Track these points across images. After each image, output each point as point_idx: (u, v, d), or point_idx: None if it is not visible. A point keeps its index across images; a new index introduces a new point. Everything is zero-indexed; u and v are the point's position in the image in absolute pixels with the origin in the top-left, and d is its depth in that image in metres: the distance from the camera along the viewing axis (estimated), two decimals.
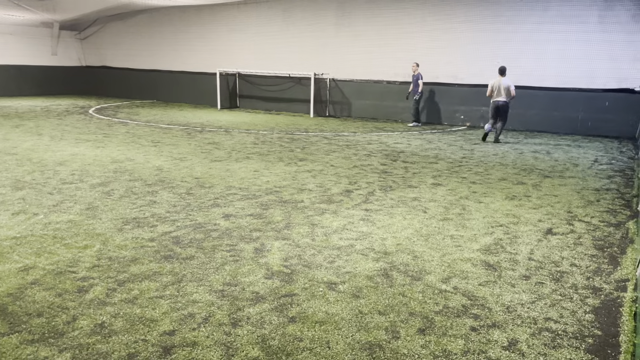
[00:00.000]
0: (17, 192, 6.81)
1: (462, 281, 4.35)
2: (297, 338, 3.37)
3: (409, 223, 5.93)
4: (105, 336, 3.32)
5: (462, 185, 7.99)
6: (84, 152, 9.87)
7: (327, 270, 4.49)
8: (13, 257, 4.59)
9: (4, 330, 3.36)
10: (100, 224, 5.59)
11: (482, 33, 15.91)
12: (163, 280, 4.19)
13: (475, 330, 3.54)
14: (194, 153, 10.11)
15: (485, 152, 11.28)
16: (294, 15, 19.30)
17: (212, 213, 6.11)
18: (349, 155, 10.40)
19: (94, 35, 25.34)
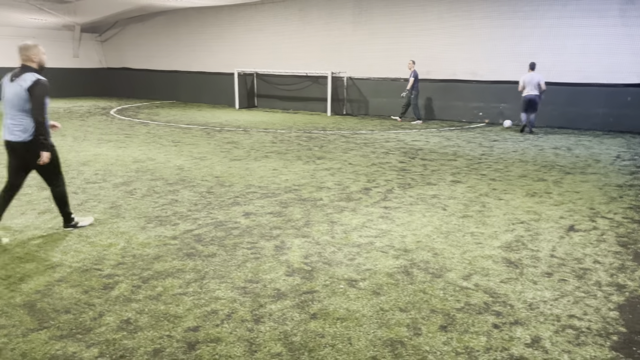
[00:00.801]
0: (42, 192, 6.95)
1: (483, 278, 4.33)
2: (319, 334, 3.40)
3: (428, 220, 5.92)
4: (131, 332, 3.39)
5: (482, 182, 7.94)
6: (107, 152, 10.04)
7: (348, 268, 4.52)
8: (40, 255, 4.70)
9: (34, 326, 3.45)
10: (124, 222, 5.69)
11: (501, 29, 15.76)
12: (186, 278, 4.25)
13: (498, 327, 3.53)
14: (214, 152, 10.21)
15: (505, 149, 11.18)
16: (310, 14, 19.33)
17: (232, 211, 6.18)
18: (367, 153, 10.40)
19: (114, 37, 25.70)
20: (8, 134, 4.90)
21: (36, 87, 4.76)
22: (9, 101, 4.85)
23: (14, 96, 4.80)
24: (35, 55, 4.94)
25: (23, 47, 4.91)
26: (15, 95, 4.79)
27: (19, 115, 4.83)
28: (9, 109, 4.86)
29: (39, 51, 4.97)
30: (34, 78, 4.80)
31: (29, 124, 4.84)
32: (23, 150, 4.92)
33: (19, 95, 4.78)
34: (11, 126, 4.88)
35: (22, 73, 4.85)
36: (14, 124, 4.86)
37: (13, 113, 4.85)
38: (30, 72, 4.86)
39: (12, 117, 4.86)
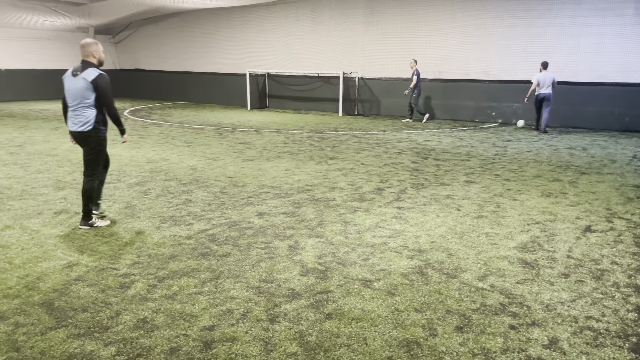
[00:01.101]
0: (58, 191, 7.03)
1: (499, 279, 4.30)
2: (334, 334, 3.40)
3: (442, 221, 5.89)
4: (148, 331, 3.41)
5: (496, 182, 7.89)
6: (121, 152, 10.12)
7: (362, 268, 4.51)
8: (57, 254, 4.75)
9: (52, 324, 3.49)
10: (139, 222, 5.73)
11: (514, 28, 15.65)
12: (201, 277, 4.27)
13: (515, 329, 3.50)
14: (226, 153, 10.25)
15: (519, 149, 11.09)
16: (322, 14, 19.34)
17: (246, 211, 6.19)
18: (380, 154, 10.37)
19: (128, 38, 25.91)
20: (72, 124, 5.31)
21: (100, 80, 5.14)
22: (72, 94, 5.20)
23: (78, 90, 5.15)
24: (95, 52, 5.26)
25: (84, 44, 5.23)
26: (79, 88, 5.14)
27: (82, 107, 5.21)
28: (73, 102, 5.23)
29: (99, 48, 5.29)
30: (96, 72, 5.16)
31: (91, 116, 5.22)
32: (82, 139, 5.34)
33: (83, 89, 5.13)
34: (75, 118, 5.27)
35: (85, 68, 5.18)
36: (77, 115, 5.25)
37: (76, 105, 5.22)
38: (92, 67, 5.20)
39: (75, 109, 5.24)
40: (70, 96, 5.24)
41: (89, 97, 5.16)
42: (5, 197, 6.73)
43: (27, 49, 22.91)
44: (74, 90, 5.18)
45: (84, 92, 5.14)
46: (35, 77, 23.22)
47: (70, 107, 5.30)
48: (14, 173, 8.15)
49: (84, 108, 5.21)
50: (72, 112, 5.29)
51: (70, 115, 5.32)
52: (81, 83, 5.12)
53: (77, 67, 5.24)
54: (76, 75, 5.18)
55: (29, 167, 8.66)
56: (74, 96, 5.20)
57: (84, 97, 5.16)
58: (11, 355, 3.12)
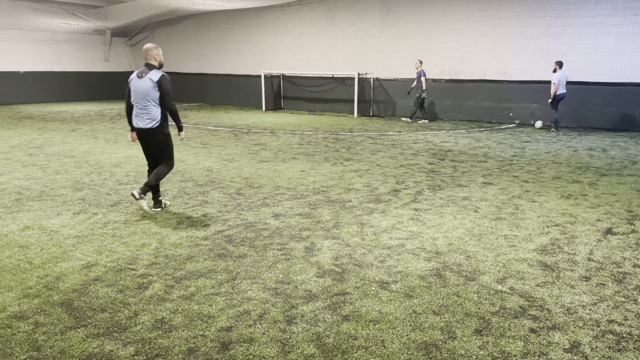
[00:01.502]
0: (77, 192, 7.10)
1: (519, 282, 4.24)
2: (352, 336, 3.38)
3: (460, 223, 5.84)
4: (166, 331, 3.42)
5: (514, 184, 7.80)
6: (138, 154, 10.20)
7: (379, 270, 4.48)
8: (76, 254, 4.80)
9: (71, 324, 3.51)
10: (156, 223, 5.76)
11: (531, 28, 15.48)
12: (218, 278, 4.28)
13: (535, 332, 3.45)
14: (242, 154, 10.28)
15: (537, 150, 10.96)
16: (337, 15, 19.33)
17: (262, 212, 6.20)
18: (395, 155, 10.32)
19: (144, 41, 26.14)
20: (138, 122, 5.80)
21: (164, 81, 5.68)
22: (140, 94, 5.71)
23: (144, 90, 5.67)
24: (156, 55, 5.82)
25: (147, 48, 5.80)
26: (146, 89, 5.66)
27: (148, 106, 5.72)
28: (139, 101, 5.73)
29: (159, 52, 5.87)
30: (160, 73, 5.70)
31: (156, 113, 5.74)
32: (149, 135, 5.86)
33: (149, 89, 5.66)
34: (141, 115, 5.76)
35: (149, 70, 5.72)
36: (144, 113, 5.75)
37: (143, 104, 5.73)
38: (155, 70, 5.75)
39: (142, 107, 5.75)
40: (137, 96, 5.73)
41: (154, 96, 5.68)
42: (24, 197, 6.82)
43: (45, 51, 23.26)
44: (141, 90, 5.68)
45: (150, 92, 5.66)
46: (53, 80, 23.55)
47: (136, 106, 5.78)
48: (33, 174, 8.26)
49: (150, 107, 5.72)
50: (138, 110, 5.78)
51: (136, 113, 5.80)
52: (147, 84, 5.64)
53: (142, 69, 5.75)
54: (142, 77, 5.68)
55: (47, 168, 8.77)
56: (141, 96, 5.70)
57: (150, 96, 5.67)
58: (32, 354, 3.15)
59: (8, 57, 22.03)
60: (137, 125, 5.85)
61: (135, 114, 5.83)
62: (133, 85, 5.77)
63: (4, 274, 4.32)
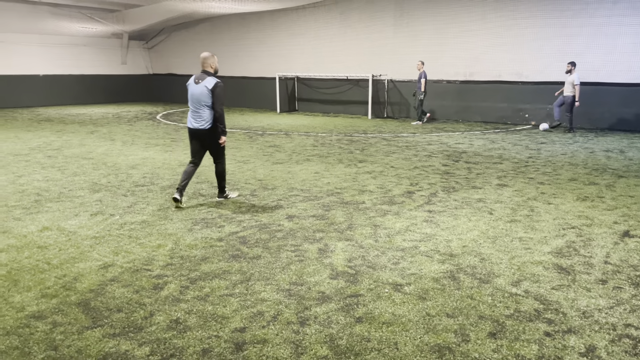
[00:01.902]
0: (94, 194, 7.21)
1: (534, 285, 4.21)
2: (365, 338, 3.38)
3: (474, 225, 5.81)
4: (181, 331, 3.46)
5: (530, 186, 7.73)
6: (154, 156, 10.31)
7: (392, 272, 4.48)
8: (93, 255, 4.87)
9: (88, 324, 3.57)
10: (172, 224, 5.82)
11: (547, 28, 15.34)
12: (232, 279, 4.31)
13: (550, 336, 3.42)
14: (256, 156, 10.34)
15: (553, 152, 10.85)
16: (351, 17, 19.34)
17: (276, 214, 6.23)
18: (409, 156, 10.30)
19: (160, 44, 26.43)
20: (193, 123, 6.32)
21: (217, 88, 6.15)
22: (195, 98, 6.23)
23: (199, 95, 6.17)
24: (212, 63, 6.30)
25: (204, 57, 6.29)
26: (200, 94, 6.16)
27: (202, 109, 6.22)
28: (195, 105, 6.26)
29: (215, 60, 6.33)
30: (214, 81, 6.16)
31: (209, 116, 6.24)
32: (203, 136, 6.35)
33: (203, 94, 6.15)
34: (195, 117, 6.28)
35: (205, 77, 6.20)
36: (198, 115, 6.26)
37: (197, 107, 6.24)
38: (211, 76, 6.22)
39: (196, 110, 6.26)
40: (192, 100, 6.26)
41: (207, 101, 6.16)
42: (43, 199, 6.93)
43: (64, 55, 23.61)
44: (197, 95, 6.19)
45: (204, 97, 6.15)
46: (72, 83, 23.89)
47: (191, 109, 6.33)
48: (51, 176, 8.40)
49: (203, 110, 6.22)
50: (193, 112, 6.31)
51: (191, 115, 6.35)
52: (202, 89, 6.14)
53: (199, 75, 6.25)
54: (198, 83, 6.19)
55: (66, 170, 8.90)
56: (196, 100, 6.22)
57: (204, 100, 6.17)
58: (49, 353, 3.21)
59: (28, 60, 22.41)
60: (191, 126, 6.36)
61: (190, 115, 6.38)
62: (190, 90, 6.29)
63: (23, 274, 4.41)
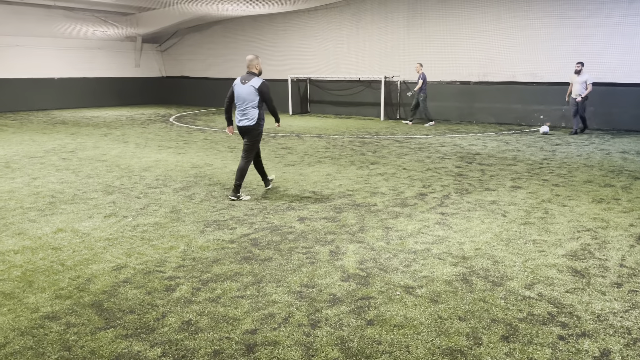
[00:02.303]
0: (107, 196, 7.27)
1: (547, 288, 4.16)
2: (376, 341, 3.37)
3: (487, 227, 5.76)
4: (192, 333, 3.47)
5: (544, 188, 7.65)
6: (167, 158, 10.38)
7: (404, 274, 4.45)
8: (106, 257, 4.91)
9: (101, 325, 3.60)
10: (184, 226, 5.85)
11: (562, 29, 15.18)
12: (244, 281, 4.32)
13: (564, 339, 3.37)
14: (268, 158, 10.36)
15: (568, 153, 10.73)
16: (364, 19, 19.32)
17: (287, 216, 6.23)
18: (422, 158, 10.25)
19: (174, 47, 26.62)
20: (241, 121, 6.79)
21: (263, 87, 6.66)
22: (242, 98, 6.72)
23: (247, 94, 6.67)
24: (257, 64, 6.82)
25: (250, 59, 6.78)
26: (248, 93, 6.66)
27: (249, 108, 6.71)
28: (242, 104, 6.74)
29: (259, 62, 6.86)
30: (260, 81, 6.67)
31: (255, 114, 6.71)
32: (247, 131, 6.83)
33: (251, 93, 6.65)
34: (243, 115, 6.77)
35: (251, 78, 6.69)
36: (245, 114, 6.75)
37: (245, 106, 6.72)
38: (256, 77, 6.73)
39: (243, 110, 6.75)
40: (239, 99, 6.75)
41: (254, 99, 6.67)
42: (58, 201, 7.01)
43: (78, 58, 23.89)
44: (244, 94, 6.68)
45: (251, 96, 6.65)
46: (86, 85, 24.16)
47: (238, 107, 6.83)
48: (66, 178, 8.49)
49: (250, 108, 6.70)
50: (240, 111, 6.81)
51: (237, 113, 6.87)
52: (250, 89, 6.64)
53: (245, 76, 6.72)
54: (245, 83, 6.67)
55: (80, 172, 9.00)
56: (243, 99, 6.71)
57: (251, 100, 6.67)
58: (63, 354, 3.24)
59: (43, 63, 22.70)
60: (238, 123, 6.84)
61: (237, 114, 6.90)
62: (236, 90, 6.75)
63: (38, 275, 4.46)
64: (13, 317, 3.71)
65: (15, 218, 6.19)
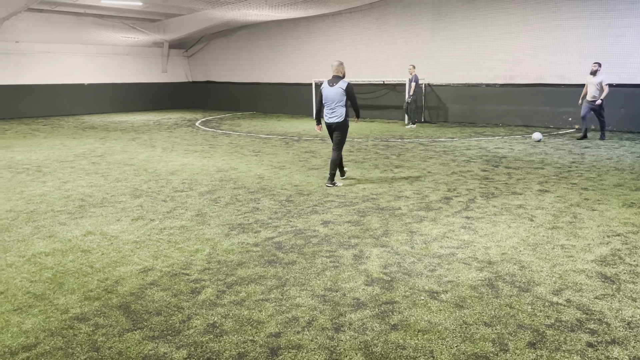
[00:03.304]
0: (135, 199, 7.41)
1: (576, 294, 4.08)
2: (400, 346, 3.35)
3: (514, 231, 5.68)
4: (217, 335, 3.51)
5: (573, 191, 7.50)
6: (193, 162, 10.52)
7: (428, 279, 4.42)
8: (134, 259, 5.00)
9: (128, 326, 3.67)
10: (209, 229, 5.92)
11: (591, 29, 14.88)
12: (268, 284, 4.35)
13: (593, 347, 3.30)
14: (292, 162, 10.41)
15: (598, 156, 10.50)
16: (388, 22, 19.27)
17: (311, 220, 6.25)
18: (447, 162, 10.16)
19: (199, 52, 26.98)
20: (330, 118, 7.88)
21: (349, 88, 7.74)
22: (331, 98, 7.78)
23: (334, 95, 7.74)
24: (342, 69, 7.86)
25: (336, 64, 7.86)
26: (335, 94, 7.73)
27: (337, 107, 7.78)
28: (331, 103, 7.80)
29: (344, 67, 7.89)
30: (346, 83, 7.74)
31: (342, 112, 7.78)
32: (337, 127, 7.92)
33: (338, 94, 7.71)
34: (331, 113, 7.85)
35: (337, 81, 7.75)
36: (334, 112, 7.82)
37: (333, 106, 7.79)
38: (342, 80, 7.77)
39: (332, 108, 7.81)
40: (328, 100, 7.79)
41: (342, 99, 7.73)
42: (87, 204, 7.17)
43: (107, 64, 24.40)
44: (333, 95, 7.74)
45: (339, 97, 7.72)
46: (115, 91, 24.66)
47: (327, 107, 7.84)
48: (95, 182, 8.68)
49: (339, 107, 7.77)
50: (329, 110, 7.84)
51: (327, 112, 7.88)
52: (338, 90, 7.70)
53: (332, 79, 7.79)
54: (333, 86, 7.74)
55: (108, 176, 9.19)
56: (332, 99, 7.76)
57: (339, 99, 7.72)
58: (91, 354, 3.31)
59: (74, 70, 23.25)
60: (328, 121, 7.92)
61: (326, 112, 7.90)
62: (325, 92, 7.79)
63: (68, 277, 4.57)
64: (44, 317, 3.81)
65: (47, 221, 6.35)
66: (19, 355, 3.30)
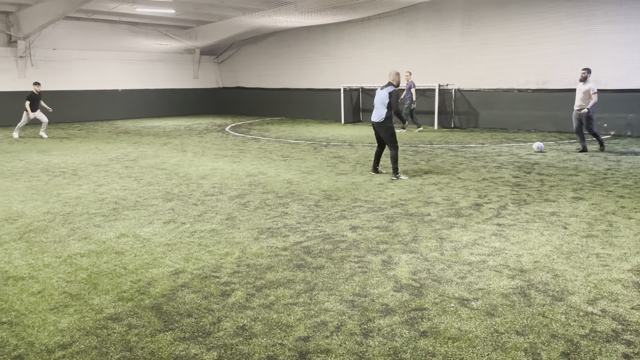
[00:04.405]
0: (167, 203, 7.54)
1: (612, 304, 3.97)
2: (430, 353, 3.32)
3: (547, 239, 5.57)
4: (247, 338, 3.54)
5: (608, 199, 7.32)
6: (223, 166, 10.66)
7: (458, 286, 4.37)
8: (165, 261, 5.09)
9: (160, 327, 3.73)
10: (239, 233, 5.99)
11: (627, 34, 14.51)
12: (296, 288, 4.37)
13: (629, 358, 3.21)
14: (321, 167, 10.43)
15: (634, 163, 10.22)
16: (417, 27, 19.19)
17: (339, 225, 6.25)
18: (478, 168, 10.03)
19: (230, 58, 27.34)
20: (374, 117, 9.05)
21: (393, 93, 8.78)
22: (376, 100, 9.01)
23: (380, 97, 8.86)
24: (396, 78, 8.94)
25: (391, 72, 9.01)
26: (381, 97, 8.84)
27: (380, 108, 8.88)
28: (376, 104, 8.98)
29: (398, 77, 9.00)
30: (392, 88, 8.81)
31: (383, 113, 8.83)
32: (378, 127, 9.06)
33: (383, 97, 8.81)
34: (375, 114, 9.01)
35: (387, 86, 8.85)
36: (377, 112, 8.97)
37: (378, 107, 8.94)
38: (391, 86, 8.85)
39: (377, 109, 8.95)
40: (376, 101, 9.00)
41: (385, 102, 8.76)
42: (121, 207, 7.34)
43: (140, 70, 24.94)
44: (378, 97, 8.93)
45: (383, 99, 8.79)
46: (147, 97, 25.16)
47: (375, 108, 9.01)
48: (128, 185, 8.87)
49: (381, 109, 8.85)
50: (374, 110, 9.02)
51: (373, 112, 9.08)
52: (384, 94, 8.80)
53: (384, 85, 8.93)
54: (382, 89, 8.88)
55: (141, 179, 9.38)
56: (377, 101, 8.95)
57: (383, 102, 8.80)
58: (124, 354, 3.38)
59: (109, 76, 23.84)
60: (372, 120, 9.13)
61: (373, 112, 9.08)
62: (376, 94, 8.97)
63: (102, 278, 4.68)
64: (79, 317, 3.91)
65: (82, 223, 6.52)
66: (56, 354, 3.39)
